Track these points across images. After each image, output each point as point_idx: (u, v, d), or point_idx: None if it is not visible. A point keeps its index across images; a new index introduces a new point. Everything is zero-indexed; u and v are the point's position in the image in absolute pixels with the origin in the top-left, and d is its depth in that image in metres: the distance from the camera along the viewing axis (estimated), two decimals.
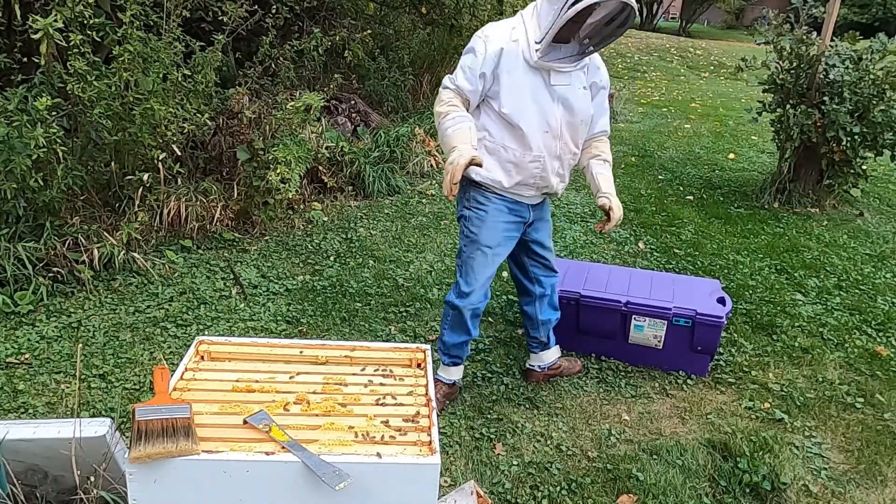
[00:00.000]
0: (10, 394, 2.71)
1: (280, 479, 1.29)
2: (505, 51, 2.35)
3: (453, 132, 2.34)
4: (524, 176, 2.49)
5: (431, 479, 1.33)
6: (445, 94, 2.45)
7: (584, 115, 2.48)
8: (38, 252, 3.39)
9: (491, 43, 2.38)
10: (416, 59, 7.22)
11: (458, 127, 2.35)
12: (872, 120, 4.97)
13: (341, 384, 1.58)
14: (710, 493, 2.43)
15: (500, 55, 2.36)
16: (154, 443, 1.26)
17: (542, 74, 2.37)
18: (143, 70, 3.66)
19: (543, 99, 2.38)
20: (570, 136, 2.49)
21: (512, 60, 2.36)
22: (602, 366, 3.18)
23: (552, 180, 2.54)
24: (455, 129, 2.35)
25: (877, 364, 3.32)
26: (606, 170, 2.58)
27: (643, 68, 13.70)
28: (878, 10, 25.13)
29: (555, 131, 2.43)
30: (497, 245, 2.59)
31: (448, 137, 2.35)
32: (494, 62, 2.36)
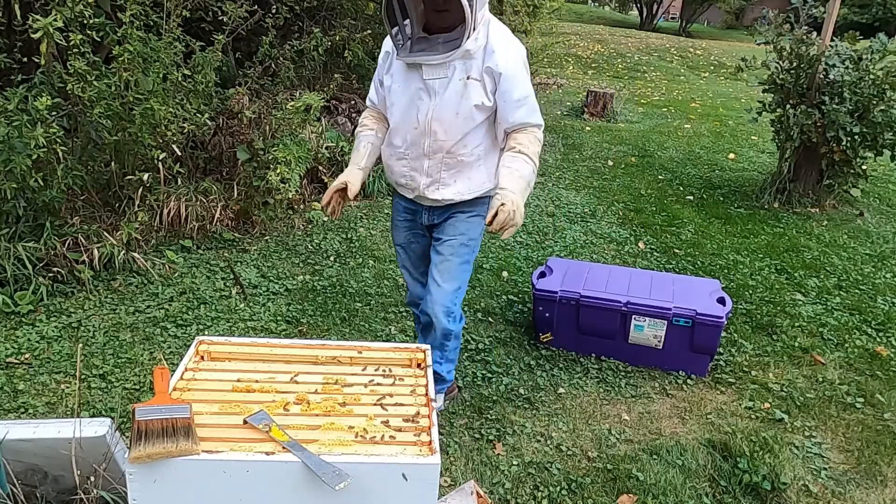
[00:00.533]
0: (10, 394, 2.71)
1: (280, 479, 1.29)
2: (391, 54, 2.29)
3: (352, 153, 2.42)
4: (395, 174, 2.40)
5: (431, 479, 1.33)
6: (365, 111, 2.47)
7: (462, 109, 2.20)
8: (38, 252, 3.38)
9: (383, 47, 2.34)
10: None
11: (355, 147, 2.41)
12: (872, 120, 4.97)
13: (341, 384, 1.58)
14: (710, 493, 2.43)
15: (387, 59, 2.31)
16: (154, 443, 1.26)
17: (417, 70, 2.21)
18: (143, 70, 3.66)
19: (415, 94, 2.24)
20: (444, 131, 2.24)
21: (394, 61, 2.29)
22: (602, 366, 3.18)
23: (420, 180, 2.34)
24: (354, 149, 2.41)
25: (877, 364, 3.32)
26: (515, 162, 2.19)
27: (643, 68, 13.70)
28: (878, 10, 25.13)
29: (422, 127, 2.25)
30: (403, 242, 2.57)
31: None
32: (384, 66, 2.33)
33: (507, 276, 4.06)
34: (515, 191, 2.10)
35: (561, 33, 11.94)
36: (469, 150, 2.28)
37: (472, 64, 2.17)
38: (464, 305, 3.66)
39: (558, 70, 12.21)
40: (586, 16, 26.62)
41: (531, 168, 2.22)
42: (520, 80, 2.21)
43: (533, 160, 2.22)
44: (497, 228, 2.02)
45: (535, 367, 3.14)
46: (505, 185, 2.11)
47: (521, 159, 2.19)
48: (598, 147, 7.39)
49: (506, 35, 2.23)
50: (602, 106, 8.80)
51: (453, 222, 2.42)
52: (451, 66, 2.17)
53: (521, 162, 2.18)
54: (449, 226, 2.43)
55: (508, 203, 2.04)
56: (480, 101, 2.19)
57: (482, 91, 2.19)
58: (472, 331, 3.43)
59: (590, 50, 14.74)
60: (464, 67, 2.17)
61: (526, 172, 2.18)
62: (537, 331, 3.31)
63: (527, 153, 2.20)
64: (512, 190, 2.09)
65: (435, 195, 2.34)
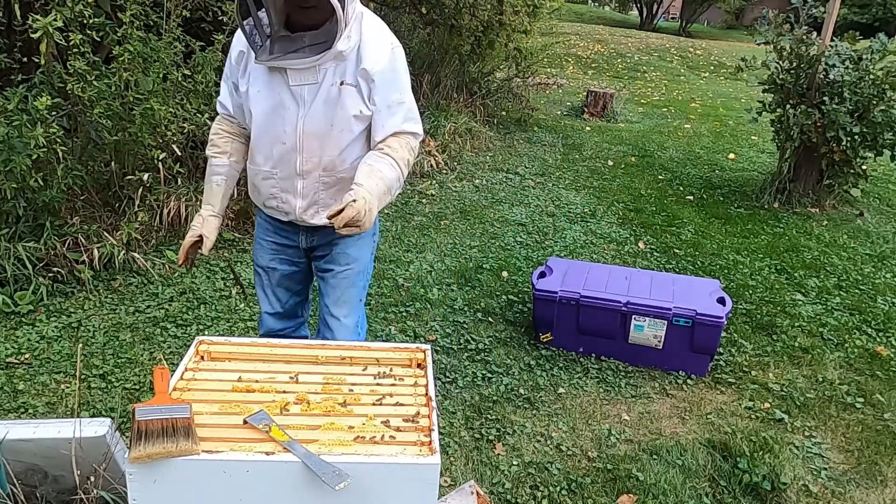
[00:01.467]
0: (10, 394, 2.71)
1: (280, 479, 1.29)
2: (246, 54, 1.93)
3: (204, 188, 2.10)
4: (262, 195, 2.08)
5: (431, 479, 1.33)
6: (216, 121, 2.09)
7: (338, 119, 1.89)
8: (38, 252, 3.38)
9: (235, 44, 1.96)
10: (415, 59, 7.21)
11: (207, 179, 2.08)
12: (872, 120, 4.97)
13: (341, 384, 1.58)
14: (710, 493, 2.43)
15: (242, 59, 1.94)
16: (154, 443, 1.26)
17: (282, 74, 1.86)
18: (143, 70, 3.66)
19: (280, 103, 1.89)
20: (320, 147, 1.92)
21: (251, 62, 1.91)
22: (602, 366, 3.18)
23: (294, 203, 2.01)
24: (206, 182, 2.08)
25: (877, 364, 3.32)
26: (379, 163, 1.86)
27: (643, 68, 13.70)
28: (878, 10, 25.13)
29: (292, 142, 1.91)
30: (266, 266, 2.21)
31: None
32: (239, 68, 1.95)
33: (507, 276, 4.06)
34: (372, 191, 1.78)
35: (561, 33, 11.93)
36: (349, 164, 1.95)
37: (345, 66, 1.86)
38: (464, 305, 3.66)
39: (558, 70, 12.21)
40: (586, 16, 26.62)
41: (396, 174, 1.89)
42: (396, 81, 1.92)
43: (400, 166, 1.90)
44: (340, 225, 1.68)
45: (535, 367, 3.14)
46: (362, 181, 1.80)
47: (386, 161, 1.87)
48: (598, 147, 7.39)
49: (381, 31, 1.92)
50: (602, 106, 8.80)
51: (342, 249, 2.11)
52: (321, 69, 1.84)
53: (385, 164, 1.87)
54: (339, 254, 2.12)
55: (360, 201, 1.71)
56: (358, 110, 1.89)
57: (359, 98, 1.88)
58: (472, 331, 3.43)
59: (590, 50, 14.73)
60: (336, 71, 1.85)
61: (389, 176, 1.86)
62: (537, 331, 3.31)
63: (394, 157, 1.89)
64: (368, 189, 1.78)
65: (315, 220, 2.03)
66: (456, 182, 5.83)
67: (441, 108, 6.86)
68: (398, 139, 1.92)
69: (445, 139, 6.46)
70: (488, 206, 5.30)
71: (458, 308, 3.65)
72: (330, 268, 2.13)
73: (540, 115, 8.63)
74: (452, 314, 3.58)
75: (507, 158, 6.68)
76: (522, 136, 7.57)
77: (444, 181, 5.79)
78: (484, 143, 6.99)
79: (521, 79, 8.45)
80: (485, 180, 5.95)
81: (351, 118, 1.89)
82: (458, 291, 3.84)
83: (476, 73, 7.79)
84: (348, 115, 1.89)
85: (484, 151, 6.81)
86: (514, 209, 5.27)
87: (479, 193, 5.60)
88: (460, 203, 5.31)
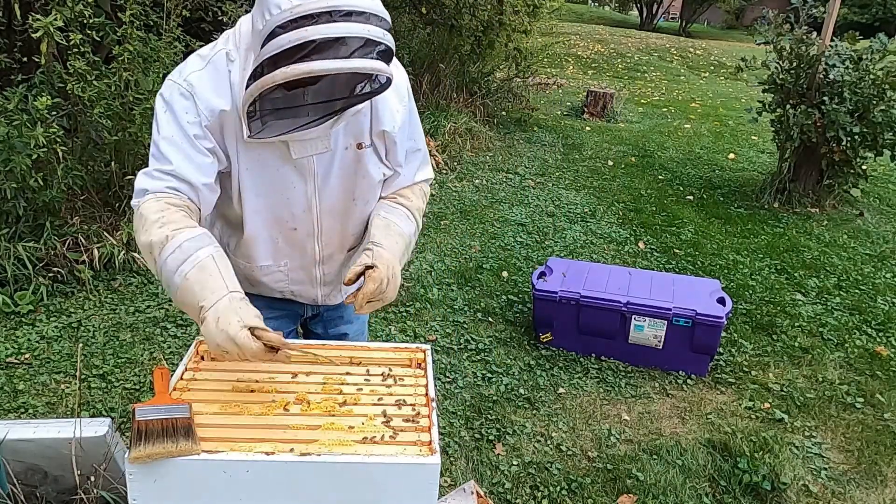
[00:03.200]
0: (10, 394, 2.71)
1: (280, 479, 1.29)
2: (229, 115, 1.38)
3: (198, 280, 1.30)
4: (266, 289, 1.66)
5: (431, 479, 1.33)
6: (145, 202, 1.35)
7: (360, 190, 1.55)
8: (38, 252, 3.38)
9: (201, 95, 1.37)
10: (416, 59, 7.22)
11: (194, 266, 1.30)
12: (872, 120, 4.97)
13: (341, 384, 1.58)
14: (710, 493, 2.43)
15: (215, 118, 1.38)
16: (154, 443, 1.26)
17: (278, 146, 1.42)
18: (143, 70, 3.66)
19: (280, 183, 1.46)
20: (342, 226, 1.58)
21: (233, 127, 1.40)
22: (602, 366, 3.18)
23: (314, 293, 1.68)
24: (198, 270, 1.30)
25: (877, 364, 3.32)
26: (394, 215, 1.57)
27: (643, 68, 13.70)
28: (878, 10, 25.14)
29: (306, 228, 1.54)
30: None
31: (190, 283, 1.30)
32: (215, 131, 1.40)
33: (507, 276, 4.06)
34: (394, 251, 1.48)
35: (561, 33, 11.93)
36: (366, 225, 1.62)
37: (359, 123, 1.47)
38: (464, 305, 3.66)
39: (558, 70, 12.21)
40: (586, 16, 26.62)
41: (413, 228, 1.61)
42: (412, 129, 1.59)
43: (416, 218, 1.62)
44: (362, 304, 1.41)
45: (535, 367, 3.14)
46: (380, 239, 1.48)
47: (401, 213, 1.58)
48: (598, 147, 7.39)
49: (396, 72, 1.47)
50: (602, 106, 8.80)
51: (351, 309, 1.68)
52: (336, 133, 1.45)
53: (401, 216, 1.57)
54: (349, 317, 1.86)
55: (383, 267, 1.42)
56: (381, 174, 1.56)
57: (377, 159, 1.54)
58: (472, 331, 3.43)
59: (590, 50, 14.73)
60: (348, 130, 1.47)
61: (407, 231, 1.57)
62: (537, 331, 3.31)
63: (410, 208, 1.61)
64: (389, 249, 1.47)
65: (336, 300, 1.75)
66: (456, 182, 5.83)
67: (441, 108, 6.86)
68: (413, 187, 1.65)
69: (445, 139, 6.46)
70: (488, 206, 5.30)
71: (458, 308, 3.65)
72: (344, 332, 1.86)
73: (540, 115, 8.63)
74: (452, 314, 3.58)
75: (507, 158, 6.68)
76: (522, 136, 7.57)
77: (444, 181, 5.79)
78: (484, 143, 6.99)
79: (521, 79, 8.46)
80: (485, 180, 5.95)
81: (375, 185, 1.56)
82: (458, 291, 3.84)
83: (476, 73, 7.79)
84: (373, 183, 1.55)
85: (484, 151, 6.81)
86: (514, 209, 5.27)
87: (479, 193, 5.60)
88: (460, 203, 5.31)
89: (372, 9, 1.22)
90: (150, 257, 1.34)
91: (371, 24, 1.21)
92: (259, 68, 1.23)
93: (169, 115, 1.37)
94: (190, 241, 1.31)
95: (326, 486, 1.30)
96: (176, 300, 1.34)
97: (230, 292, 1.29)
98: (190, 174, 1.36)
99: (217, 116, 1.37)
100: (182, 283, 1.30)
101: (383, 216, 1.55)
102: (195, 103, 1.36)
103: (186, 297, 1.30)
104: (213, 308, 1.27)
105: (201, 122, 1.37)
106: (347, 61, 1.20)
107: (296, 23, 1.18)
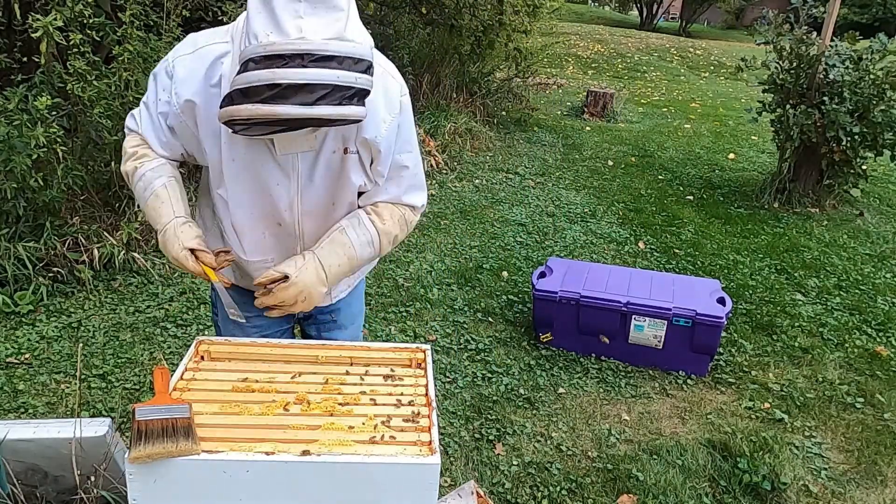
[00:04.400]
0: (10, 394, 2.71)
1: (280, 479, 1.29)
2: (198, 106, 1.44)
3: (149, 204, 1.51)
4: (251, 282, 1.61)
5: (431, 479, 1.33)
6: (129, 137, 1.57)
7: (341, 195, 1.54)
8: (38, 252, 3.38)
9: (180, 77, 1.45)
10: (416, 59, 7.22)
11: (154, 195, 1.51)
12: (872, 120, 4.97)
13: (341, 384, 1.58)
14: (710, 493, 2.43)
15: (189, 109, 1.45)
16: (154, 443, 1.26)
17: (265, 142, 1.43)
18: (143, 70, 3.66)
19: (265, 177, 1.47)
20: (322, 228, 1.57)
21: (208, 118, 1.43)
22: (602, 366, 3.18)
23: None
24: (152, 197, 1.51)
25: (877, 364, 3.32)
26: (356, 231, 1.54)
27: (643, 68, 13.70)
28: (878, 10, 25.14)
29: (290, 227, 1.55)
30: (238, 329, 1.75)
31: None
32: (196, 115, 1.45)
33: (507, 276, 4.06)
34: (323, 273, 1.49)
35: (561, 33, 11.93)
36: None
37: (348, 129, 1.45)
38: (464, 305, 3.66)
39: (558, 70, 12.22)
40: (586, 16, 26.62)
41: (370, 253, 1.57)
42: (403, 143, 1.55)
43: (381, 244, 1.57)
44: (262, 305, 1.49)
45: (535, 367, 3.14)
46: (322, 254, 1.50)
47: (366, 235, 1.55)
48: (598, 147, 7.39)
49: (388, 82, 1.49)
50: (602, 106, 8.80)
51: (346, 307, 1.84)
52: (321, 133, 1.44)
53: (363, 238, 1.54)
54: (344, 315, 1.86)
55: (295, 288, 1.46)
56: (363, 182, 1.54)
57: (360, 168, 1.52)
58: (472, 331, 3.43)
59: (590, 50, 14.73)
60: (338, 135, 1.46)
61: (359, 255, 1.55)
62: (537, 331, 3.31)
63: (379, 231, 1.56)
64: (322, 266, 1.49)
65: (325, 301, 1.75)
66: (456, 182, 5.83)
67: (441, 108, 6.86)
68: (393, 209, 1.60)
69: (445, 139, 6.46)
70: (488, 206, 5.30)
71: (458, 308, 3.65)
72: (333, 336, 1.85)
73: (540, 115, 8.63)
74: (452, 314, 3.58)
75: (507, 158, 6.68)
76: (522, 136, 7.57)
77: (444, 181, 5.79)
78: (484, 143, 6.99)
79: (521, 79, 8.45)
80: (485, 180, 5.95)
81: (355, 193, 1.56)
82: (458, 291, 3.84)
83: (476, 73, 7.79)
84: (353, 190, 1.54)
85: (484, 151, 6.81)
86: (514, 209, 5.27)
87: (479, 193, 5.60)
88: (460, 203, 5.31)
89: (348, 52, 1.22)
90: (128, 181, 1.56)
91: (343, 68, 1.21)
92: (229, 95, 1.25)
93: (152, 85, 1.51)
94: (151, 172, 1.51)
95: (326, 486, 1.30)
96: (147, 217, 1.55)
97: (175, 217, 1.48)
98: (152, 143, 1.53)
99: (185, 105, 1.44)
100: (145, 209, 1.52)
101: (343, 229, 1.54)
102: (171, 85, 1.45)
103: (150, 221, 1.52)
104: (163, 232, 1.48)
105: (171, 103, 1.45)
106: (311, 108, 1.20)
107: (268, 60, 1.18)
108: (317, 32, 1.19)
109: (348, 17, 1.23)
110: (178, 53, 1.47)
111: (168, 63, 1.47)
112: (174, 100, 1.45)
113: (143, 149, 1.53)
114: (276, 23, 1.18)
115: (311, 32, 1.18)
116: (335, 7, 1.21)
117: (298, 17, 1.19)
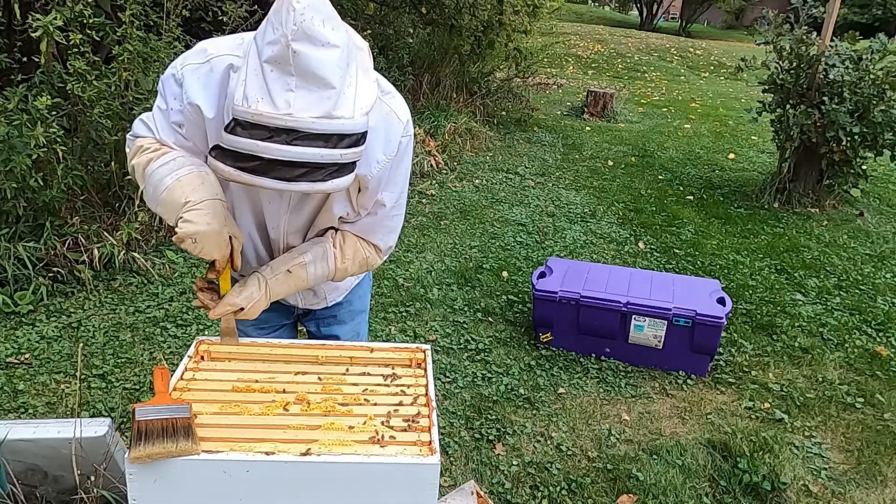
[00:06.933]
0: (10, 394, 2.71)
1: (280, 479, 1.29)
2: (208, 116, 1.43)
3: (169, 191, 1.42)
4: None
5: (431, 479, 1.33)
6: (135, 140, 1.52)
7: (323, 222, 1.59)
8: (38, 252, 3.38)
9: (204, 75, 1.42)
10: (416, 59, 7.22)
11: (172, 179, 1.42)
12: (872, 120, 4.97)
13: (341, 384, 1.58)
14: (710, 493, 2.43)
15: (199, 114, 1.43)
16: (154, 443, 1.26)
17: None
18: (143, 70, 3.66)
19: (259, 194, 1.52)
20: (302, 240, 1.63)
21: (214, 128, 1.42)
22: (602, 366, 3.18)
23: (294, 298, 1.76)
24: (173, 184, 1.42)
25: (877, 364, 3.32)
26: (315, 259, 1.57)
27: (643, 68, 13.70)
28: (878, 10, 25.13)
29: (277, 244, 1.62)
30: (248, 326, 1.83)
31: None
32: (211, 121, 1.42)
33: (507, 276, 4.06)
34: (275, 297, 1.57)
35: (561, 33, 11.95)
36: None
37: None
38: (464, 305, 3.66)
39: (558, 70, 12.22)
40: (586, 16, 26.62)
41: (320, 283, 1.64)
42: (391, 183, 1.54)
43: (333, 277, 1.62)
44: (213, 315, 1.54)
45: (535, 367, 3.14)
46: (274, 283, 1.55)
47: (325, 268, 1.58)
48: (598, 147, 7.39)
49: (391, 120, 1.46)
50: (602, 106, 8.80)
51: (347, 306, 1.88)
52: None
53: (321, 270, 1.58)
54: (344, 313, 1.89)
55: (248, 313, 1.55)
56: (345, 212, 1.57)
57: (346, 200, 1.54)
58: (472, 331, 3.43)
59: (590, 50, 14.73)
60: None
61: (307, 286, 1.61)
62: (537, 331, 3.31)
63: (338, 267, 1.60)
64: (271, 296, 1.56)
65: (320, 305, 1.82)
66: (456, 182, 5.83)
67: (441, 108, 6.86)
68: (358, 248, 1.61)
69: (445, 139, 6.46)
70: (488, 206, 5.30)
71: (458, 308, 3.65)
72: (335, 333, 1.89)
73: (540, 115, 8.63)
74: (452, 314, 3.58)
75: (507, 158, 6.68)
76: (522, 136, 7.57)
77: (444, 181, 5.79)
78: (484, 143, 6.99)
79: (521, 79, 8.46)
80: (485, 180, 5.95)
81: (336, 221, 1.59)
82: (458, 291, 3.84)
83: (476, 73, 7.80)
84: (333, 218, 1.57)
85: (484, 151, 6.81)
86: (514, 209, 5.27)
87: (479, 193, 5.60)
88: (460, 203, 5.31)
89: (335, 130, 1.20)
90: (141, 171, 1.45)
91: (329, 146, 1.20)
92: (216, 147, 1.26)
93: (162, 92, 1.46)
94: (183, 157, 1.43)
95: (326, 486, 1.30)
96: (157, 199, 1.41)
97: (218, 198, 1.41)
98: (171, 145, 1.46)
99: (195, 111, 1.41)
100: (173, 184, 1.38)
101: (306, 265, 1.56)
102: (182, 93, 1.42)
103: (174, 195, 1.37)
104: (203, 202, 1.37)
105: (182, 112, 1.43)
106: (291, 184, 1.21)
107: (255, 128, 1.18)
108: (305, 110, 1.17)
109: (341, 93, 1.20)
110: (186, 61, 1.43)
111: (176, 70, 1.44)
112: (186, 108, 1.43)
113: (159, 146, 1.48)
114: (267, 91, 1.18)
115: (299, 109, 1.17)
116: (327, 85, 1.18)
117: (289, 91, 1.17)
